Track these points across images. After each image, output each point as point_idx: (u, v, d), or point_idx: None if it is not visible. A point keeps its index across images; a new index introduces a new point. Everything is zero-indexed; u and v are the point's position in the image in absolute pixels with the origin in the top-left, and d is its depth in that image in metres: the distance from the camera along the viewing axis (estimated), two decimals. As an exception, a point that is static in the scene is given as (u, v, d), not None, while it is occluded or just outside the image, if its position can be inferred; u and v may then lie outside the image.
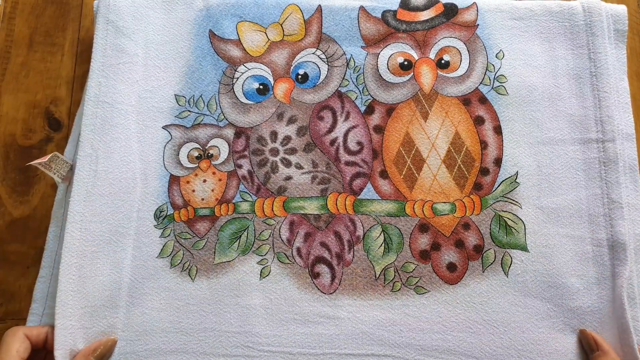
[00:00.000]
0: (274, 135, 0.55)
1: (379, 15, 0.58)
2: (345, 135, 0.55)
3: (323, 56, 0.57)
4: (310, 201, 0.54)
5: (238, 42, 0.58)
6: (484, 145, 0.55)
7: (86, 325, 0.49)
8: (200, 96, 0.56)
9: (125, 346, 0.49)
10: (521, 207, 0.53)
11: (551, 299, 0.51)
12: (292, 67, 0.57)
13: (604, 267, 0.51)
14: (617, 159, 0.53)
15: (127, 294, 0.51)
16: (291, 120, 0.56)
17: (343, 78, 0.57)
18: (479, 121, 0.55)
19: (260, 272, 0.52)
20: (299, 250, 0.53)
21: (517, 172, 0.54)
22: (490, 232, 0.53)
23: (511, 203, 0.53)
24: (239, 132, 0.55)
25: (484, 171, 0.54)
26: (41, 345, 0.47)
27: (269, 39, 0.58)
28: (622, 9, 0.58)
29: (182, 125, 0.56)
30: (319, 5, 0.58)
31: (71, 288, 0.49)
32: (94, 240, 0.51)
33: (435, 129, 0.55)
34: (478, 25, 0.58)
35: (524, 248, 0.52)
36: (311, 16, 0.58)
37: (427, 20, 0.58)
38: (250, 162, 0.55)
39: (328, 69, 0.57)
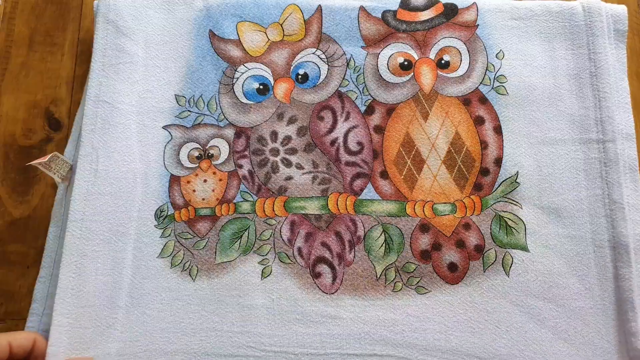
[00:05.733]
0: (274, 135, 0.55)
1: (379, 15, 0.58)
2: (346, 135, 0.55)
3: (323, 56, 0.57)
4: (311, 201, 0.54)
5: (238, 42, 0.57)
6: (484, 145, 0.55)
7: (84, 325, 0.48)
8: (201, 96, 0.56)
9: (125, 347, 0.49)
10: (521, 208, 0.53)
11: (553, 299, 0.51)
12: (292, 67, 0.57)
13: (605, 268, 0.51)
14: (617, 159, 0.53)
15: (127, 294, 0.50)
16: (291, 120, 0.56)
17: (343, 78, 0.57)
18: (479, 121, 0.55)
19: (262, 272, 0.52)
20: (300, 250, 0.53)
21: (517, 172, 0.54)
22: (491, 232, 0.53)
23: (511, 203, 0.53)
24: (239, 132, 0.55)
25: (484, 171, 0.54)
26: (23, 355, 0.44)
27: (269, 39, 0.58)
28: (622, 9, 0.58)
29: (182, 125, 0.55)
30: (319, 5, 0.58)
31: (70, 286, 0.49)
32: (95, 239, 0.51)
33: (436, 129, 0.55)
34: (478, 25, 0.58)
35: (524, 248, 0.52)
36: (311, 16, 0.58)
37: (427, 20, 0.58)
38: (251, 162, 0.55)
39: (328, 69, 0.57)
